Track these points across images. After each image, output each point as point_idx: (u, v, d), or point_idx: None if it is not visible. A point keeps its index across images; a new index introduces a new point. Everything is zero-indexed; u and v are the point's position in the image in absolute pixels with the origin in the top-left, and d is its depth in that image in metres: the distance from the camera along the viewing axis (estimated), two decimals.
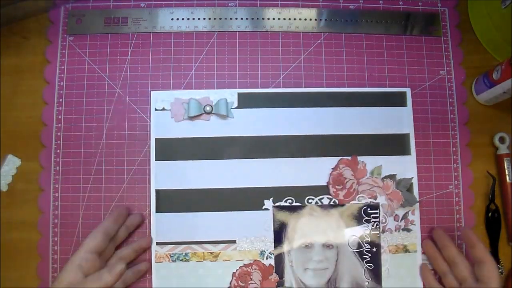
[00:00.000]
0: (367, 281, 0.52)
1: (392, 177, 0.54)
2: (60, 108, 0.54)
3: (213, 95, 0.54)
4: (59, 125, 0.53)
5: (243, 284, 0.51)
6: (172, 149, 0.53)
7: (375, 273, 0.52)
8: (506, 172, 0.55)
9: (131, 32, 0.55)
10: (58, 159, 0.53)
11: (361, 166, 0.54)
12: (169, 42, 0.55)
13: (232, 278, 0.51)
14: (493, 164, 0.56)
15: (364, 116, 0.55)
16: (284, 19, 0.56)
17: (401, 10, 0.58)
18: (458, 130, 0.56)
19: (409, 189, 0.54)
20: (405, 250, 0.53)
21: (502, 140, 0.56)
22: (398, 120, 0.55)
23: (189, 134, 0.53)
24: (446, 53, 0.57)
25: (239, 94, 0.54)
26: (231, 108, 0.54)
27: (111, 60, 0.55)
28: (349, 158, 0.54)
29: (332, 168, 0.54)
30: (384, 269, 0.52)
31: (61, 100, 0.54)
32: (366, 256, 0.52)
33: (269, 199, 0.53)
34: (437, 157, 0.55)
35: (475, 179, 0.55)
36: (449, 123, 0.56)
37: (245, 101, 0.54)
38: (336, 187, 0.53)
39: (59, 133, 0.53)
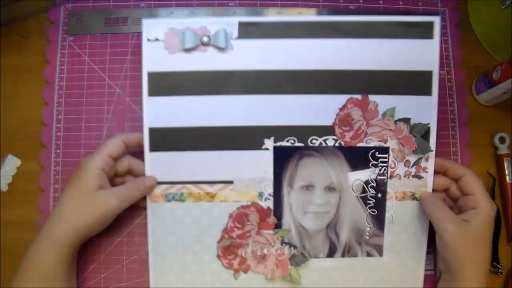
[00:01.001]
0: (369, 227, 0.50)
1: (406, 120, 0.49)
2: (60, 108, 0.54)
3: (211, 24, 0.49)
4: (59, 125, 0.53)
5: (240, 226, 0.50)
6: (166, 84, 0.49)
7: (378, 219, 0.50)
8: (506, 172, 0.55)
9: (131, 32, 0.55)
10: (58, 159, 0.53)
11: (372, 107, 0.49)
12: None
13: (229, 219, 0.50)
14: (493, 164, 0.56)
15: (379, 50, 0.49)
16: None
17: (401, 10, 0.58)
18: (458, 130, 0.56)
19: (424, 135, 0.49)
20: (413, 197, 0.50)
21: (502, 140, 0.56)
22: (420, 55, 0.49)
23: (184, 68, 0.49)
24: (446, 53, 0.57)
25: (240, 24, 0.49)
26: (231, 39, 0.49)
27: (111, 60, 0.55)
28: (359, 97, 0.49)
29: (340, 108, 0.49)
30: (387, 216, 0.50)
31: (61, 100, 0.54)
32: (370, 202, 0.50)
33: (269, 138, 0.49)
34: (437, 157, 0.55)
35: None
36: (449, 123, 0.56)
37: (247, 31, 0.49)
38: (343, 128, 0.49)
39: (59, 133, 0.53)
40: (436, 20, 0.48)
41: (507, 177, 0.55)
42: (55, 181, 0.52)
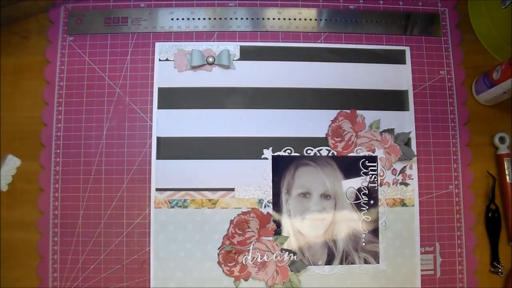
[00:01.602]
0: (364, 233, 0.53)
1: (390, 131, 0.55)
2: (60, 108, 0.54)
3: (216, 47, 0.55)
4: (59, 125, 0.53)
5: (240, 232, 0.51)
6: (174, 98, 0.54)
7: (372, 226, 0.53)
8: (506, 172, 0.55)
9: (131, 32, 0.55)
10: (58, 159, 0.53)
11: (359, 120, 0.55)
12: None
13: (230, 225, 0.52)
14: (493, 164, 0.56)
15: (363, 72, 0.55)
16: (284, 19, 0.56)
17: (401, 10, 0.58)
18: (458, 130, 0.56)
19: (407, 143, 0.54)
20: (402, 204, 0.53)
21: (502, 140, 0.56)
22: (397, 77, 0.56)
23: (191, 84, 0.54)
24: (446, 53, 0.57)
25: (241, 47, 0.55)
26: (233, 60, 0.55)
27: (111, 60, 0.55)
28: (348, 111, 0.55)
29: (331, 120, 0.54)
30: (381, 222, 0.53)
31: (61, 100, 0.54)
32: (363, 208, 0.53)
33: (268, 149, 0.53)
34: (437, 157, 0.55)
35: (475, 179, 0.55)
36: (449, 123, 0.56)
37: (247, 54, 0.55)
38: (335, 139, 0.54)
39: (59, 133, 0.53)
40: (407, 49, 0.56)
41: (507, 177, 0.55)
42: (55, 181, 0.52)
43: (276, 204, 0.52)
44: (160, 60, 0.54)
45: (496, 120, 0.56)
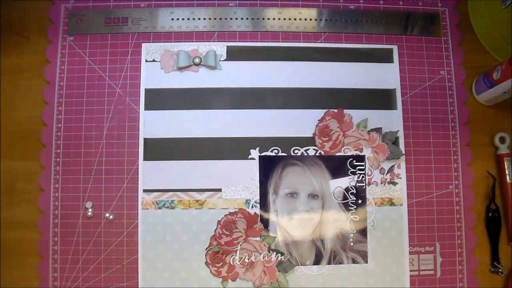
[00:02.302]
0: (352, 233, 0.53)
1: (378, 130, 0.55)
2: (60, 108, 0.54)
3: (202, 47, 0.55)
4: (59, 125, 0.53)
5: (228, 232, 0.52)
6: (161, 99, 0.54)
7: (360, 225, 0.53)
8: (506, 172, 0.55)
9: (131, 32, 0.55)
10: (58, 159, 0.53)
11: (347, 119, 0.55)
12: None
13: (217, 226, 0.52)
14: (493, 164, 0.56)
15: (351, 71, 0.55)
16: (284, 19, 0.56)
17: (401, 10, 0.58)
18: (458, 130, 0.56)
19: (395, 142, 0.54)
20: (391, 203, 0.53)
21: (502, 140, 0.56)
22: (385, 76, 0.56)
23: (178, 85, 0.54)
24: (446, 53, 0.57)
25: (228, 47, 0.55)
26: (220, 61, 0.55)
27: (111, 60, 0.55)
28: (335, 110, 0.55)
29: (319, 120, 0.54)
30: (369, 221, 0.53)
31: (61, 100, 0.54)
32: (351, 208, 0.53)
33: (255, 149, 0.53)
34: (437, 157, 0.55)
35: (475, 179, 0.55)
36: (449, 123, 0.56)
37: (234, 54, 0.55)
38: (322, 138, 0.54)
39: (59, 133, 0.53)
40: (394, 47, 0.56)
41: (507, 177, 0.55)
42: (55, 181, 0.52)
43: (264, 204, 0.52)
44: (146, 61, 0.54)
45: (496, 120, 0.56)
